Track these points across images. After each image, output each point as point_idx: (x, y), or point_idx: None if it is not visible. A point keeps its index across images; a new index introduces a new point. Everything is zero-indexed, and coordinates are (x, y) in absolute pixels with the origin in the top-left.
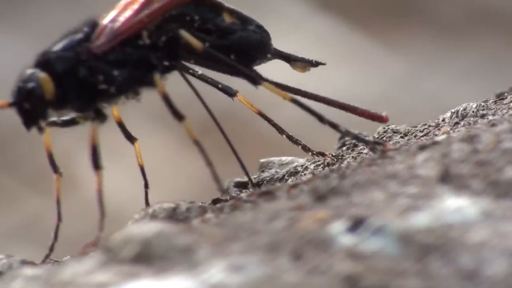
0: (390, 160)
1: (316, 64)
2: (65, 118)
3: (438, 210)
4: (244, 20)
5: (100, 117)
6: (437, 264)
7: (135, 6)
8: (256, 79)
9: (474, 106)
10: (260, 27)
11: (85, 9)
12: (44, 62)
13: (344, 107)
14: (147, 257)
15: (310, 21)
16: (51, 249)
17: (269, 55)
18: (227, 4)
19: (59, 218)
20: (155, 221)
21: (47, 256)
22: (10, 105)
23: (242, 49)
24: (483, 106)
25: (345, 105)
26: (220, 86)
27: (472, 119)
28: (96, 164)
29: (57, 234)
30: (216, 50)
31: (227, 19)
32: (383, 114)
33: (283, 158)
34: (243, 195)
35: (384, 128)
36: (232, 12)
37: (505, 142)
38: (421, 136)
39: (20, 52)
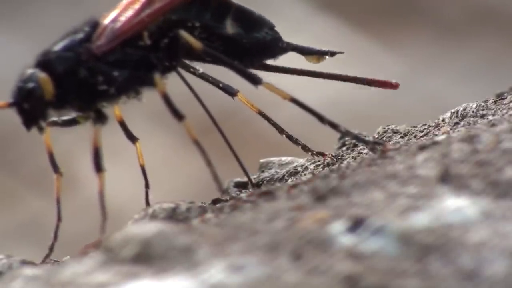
0: (390, 160)
1: (332, 54)
2: (65, 118)
3: (438, 210)
4: (250, 26)
5: (102, 118)
6: (437, 264)
7: (136, 6)
8: (256, 79)
9: (474, 106)
10: (271, 29)
11: (85, 10)
12: (44, 62)
13: (350, 80)
14: (147, 257)
15: (310, 22)
16: (51, 249)
17: (277, 56)
18: (237, 4)
19: (59, 218)
20: (155, 221)
21: (47, 256)
22: (10, 105)
23: (243, 57)
24: (483, 106)
25: (351, 77)
26: (221, 85)
27: (472, 119)
28: (98, 166)
29: (57, 234)
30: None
31: (230, 28)
32: (393, 81)
33: (283, 158)
34: (243, 195)
35: (384, 128)
36: (240, 14)
37: (505, 142)
38: (421, 136)
39: (20, 52)
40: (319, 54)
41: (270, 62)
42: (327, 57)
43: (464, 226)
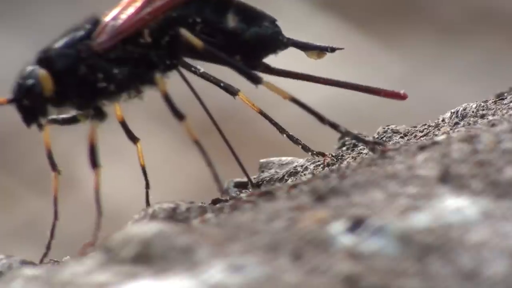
0: (390, 160)
1: (332, 50)
2: (65, 116)
3: (438, 210)
4: (251, 20)
5: (100, 115)
6: (437, 264)
7: (137, 3)
8: (256, 78)
9: (474, 106)
10: (272, 23)
11: (85, 10)
12: (45, 59)
13: (357, 88)
14: (147, 257)
15: (310, 22)
16: (48, 247)
17: (278, 51)
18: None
19: (56, 217)
20: (155, 221)
21: (45, 255)
22: (10, 101)
23: (245, 51)
24: (483, 106)
25: (358, 86)
26: (222, 84)
27: (472, 119)
28: (94, 162)
29: (54, 233)
30: (220, 48)
31: (231, 22)
32: (401, 92)
33: (283, 158)
34: (243, 195)
35: (384, 128)
36: (240, 9)
37: (505, 142)
38: (421, 136)
39: (20, 52)
40: (319, 50)
41: (273, 62)
42: (327, 53)
43: (464, 226)
